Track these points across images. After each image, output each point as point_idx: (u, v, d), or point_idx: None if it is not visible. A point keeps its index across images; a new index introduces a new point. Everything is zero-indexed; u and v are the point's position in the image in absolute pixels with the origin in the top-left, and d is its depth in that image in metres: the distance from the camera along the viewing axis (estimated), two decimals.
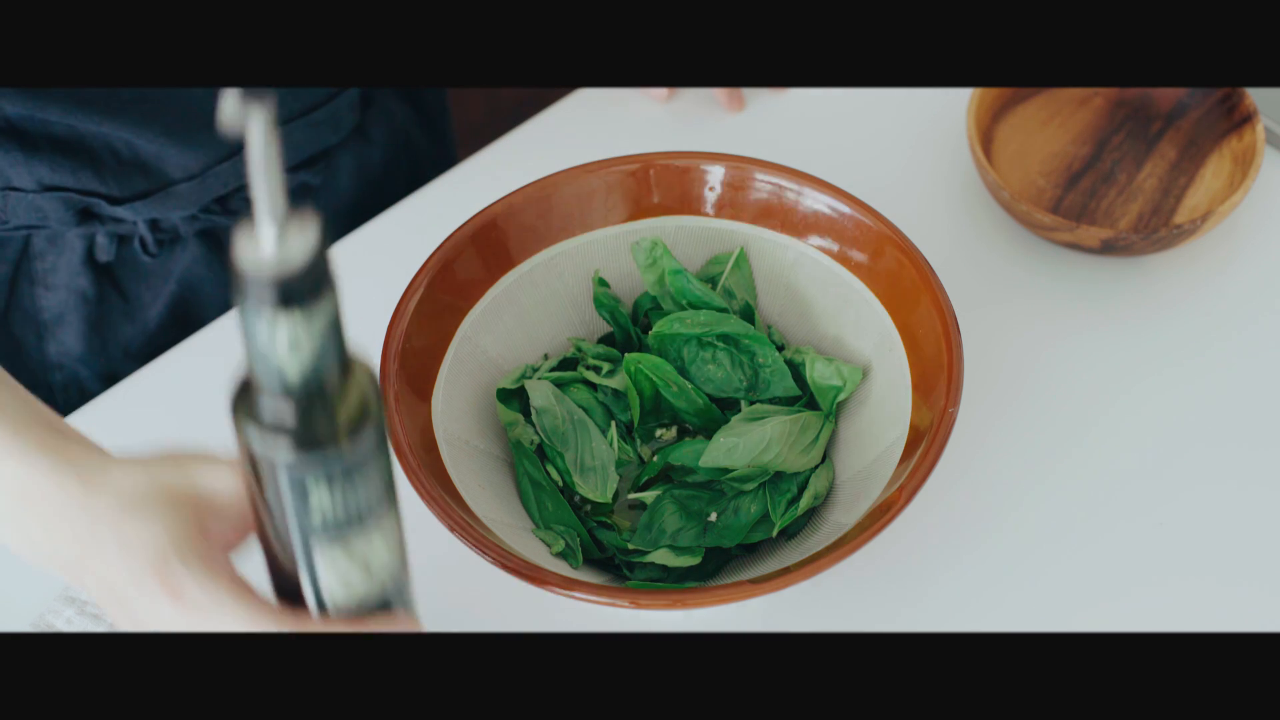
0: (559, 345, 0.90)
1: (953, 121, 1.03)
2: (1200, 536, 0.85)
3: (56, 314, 0.99)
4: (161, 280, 1.01)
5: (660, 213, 0.90)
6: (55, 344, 1.00)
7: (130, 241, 0.98)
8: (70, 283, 0.98)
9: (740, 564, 0.82)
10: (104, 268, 0.99)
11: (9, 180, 0.93)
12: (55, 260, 0.97)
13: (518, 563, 0.75)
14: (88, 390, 1.01)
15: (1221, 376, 0.91)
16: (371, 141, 1.08)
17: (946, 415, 0.78)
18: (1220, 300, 0.94)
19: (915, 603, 0.83)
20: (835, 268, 0.87)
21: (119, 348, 1.01)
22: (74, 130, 0.92)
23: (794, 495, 0.83)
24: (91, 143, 0.93)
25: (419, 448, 0.79)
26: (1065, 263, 0.96)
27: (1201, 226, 0.92)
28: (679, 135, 1.02)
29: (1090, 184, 0.98)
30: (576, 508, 0.84)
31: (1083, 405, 0.90)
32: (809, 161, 0.91)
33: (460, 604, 0.83)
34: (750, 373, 0.86)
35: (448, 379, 0.84)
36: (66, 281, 0.98)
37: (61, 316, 0.99)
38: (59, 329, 0.99)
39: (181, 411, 0.91)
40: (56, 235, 0.96)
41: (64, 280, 0.98)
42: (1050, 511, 0.86)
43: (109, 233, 0.97)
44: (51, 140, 0.92)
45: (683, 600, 0.74)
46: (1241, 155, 0.96)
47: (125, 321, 1.01)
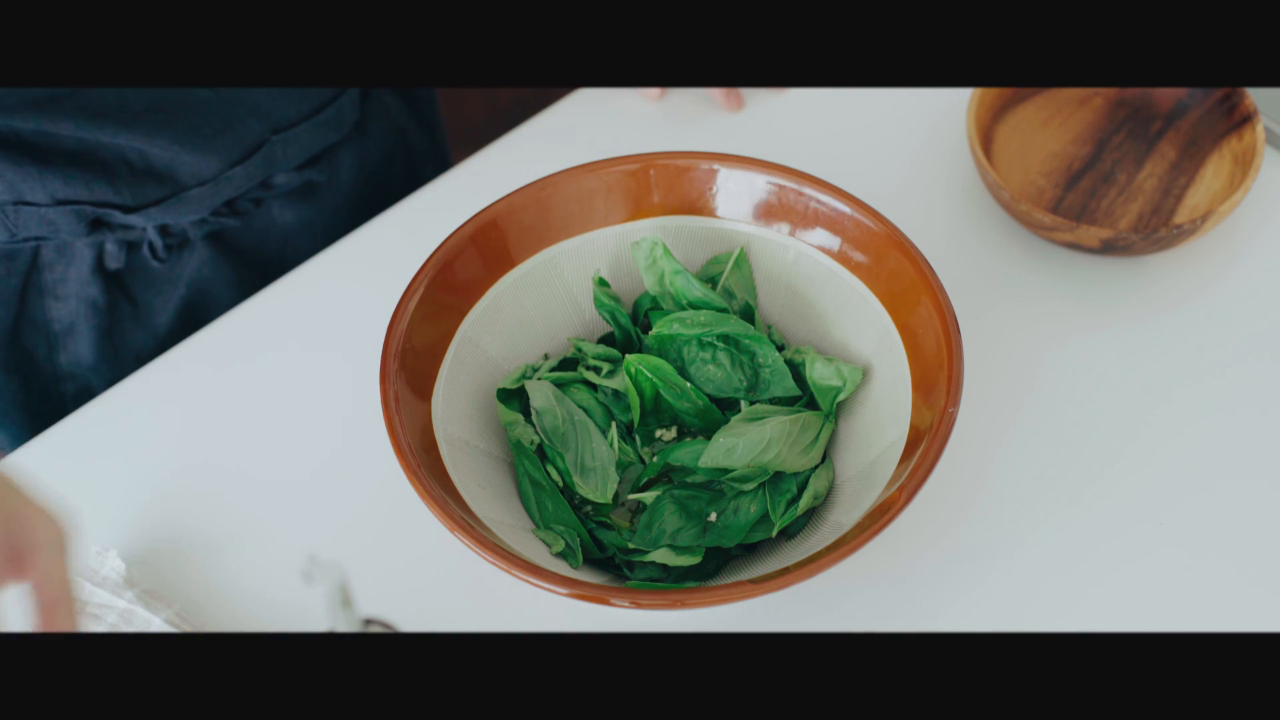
0: (559, 345, 0.90)
1: (953, 121, 1.03)
2: (1201, 536, 0.85)
3: (67, 324, 0.99)
4: (171, 285, 1.01)
5: (660, 213, 0.90)
6: (66, 354, 1.00)
7: (139, 248, 0.98)
8: (80, 292, 0.98)
9: (740, 564, 0.82)
10: (113, 275, 0.99)
11: (21, 195, 0.93)
12: (65, 270, 0.97)
13: (518, 563, 0.75)
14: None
15: (1221, 376, 0.91)
16: (370, 136, 1.08)
17: (946, 415, 0.78)
18: (1220, 300, 0.94)
19: (915, 603, 0.83)
20: (835, 268, 0.87)
21: (131, 354, 1.01)
22: (86, 143, 0.92)
23: (794, 495, 0.83)
24: (104, 154, 0.93)
25: (419, 448, 0.79)
26: (1065, 263, 0.96)
27: (1201, 226, 0.92)
28: (679, 135, 1.02)
29: (1090, 184, 0.98)
30: (576, 508, 0.84)
31: (1082, 405, 0.90)
32: (809, 161, 0.91)
33: (460, 604, 0.83)
34: (750, 373, 0.86)
35: (448, 379, 0.84)
36: (77, 291, 0.98)
37: (72, 326, 0.99)
38: (70, 339, 0.99)
39: (187, 410, 0.91)
40: (65, 245, 0.96)
41: (74, 290, 0.98)
42: (1050, 511, 0.86)
43: (118, 240, 0.97)
44: (64, 154, 0.92)
45: (683, 600, 0.74)
46: (1241, 155, 0.96)
47: (136, 328, 1.01)
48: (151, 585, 0.83)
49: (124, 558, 0.84)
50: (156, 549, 0.85)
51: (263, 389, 0.92)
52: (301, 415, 0.90)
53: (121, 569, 0.83)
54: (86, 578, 0.83)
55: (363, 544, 0.85)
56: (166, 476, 0.88)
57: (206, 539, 0.85)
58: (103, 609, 0.81)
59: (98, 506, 0.87)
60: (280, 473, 0.88)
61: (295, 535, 0.85)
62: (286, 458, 0.89)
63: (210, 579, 0.84)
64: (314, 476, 0.88)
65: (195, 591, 0.84)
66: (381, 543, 0.85)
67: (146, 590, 0.83)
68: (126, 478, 0.88)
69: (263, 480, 0.88)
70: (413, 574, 0.84)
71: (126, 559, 0.84)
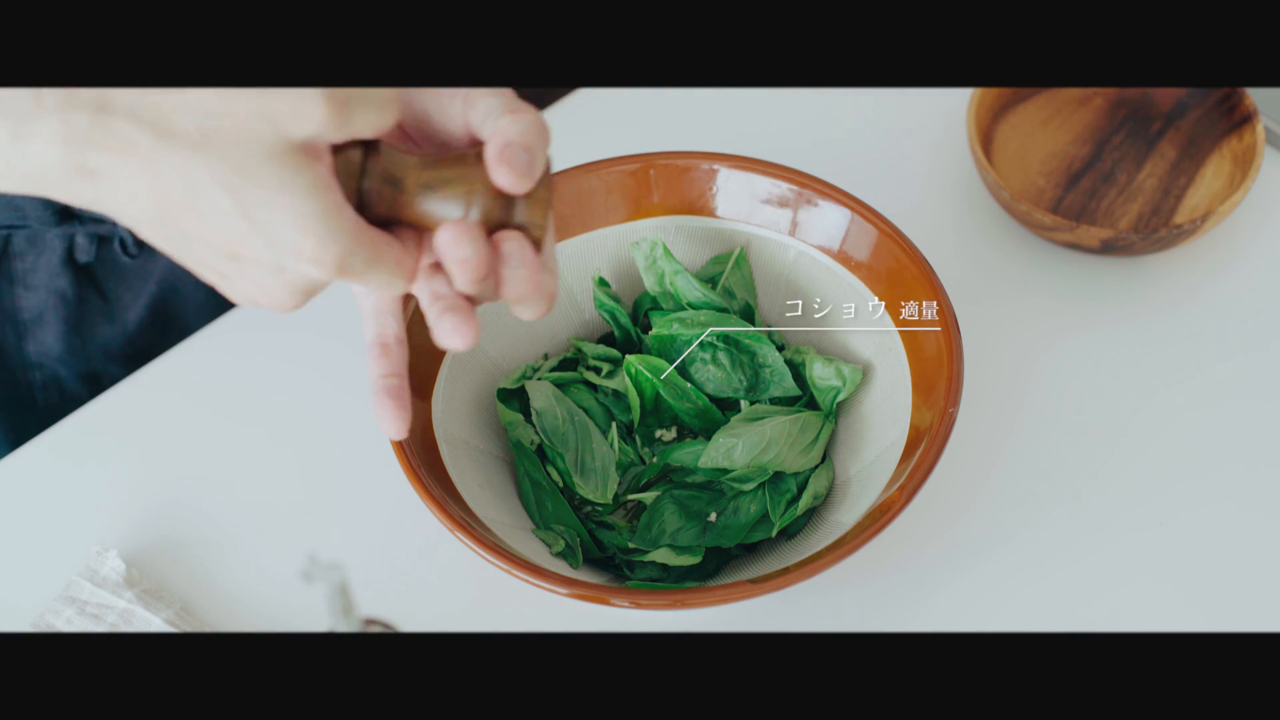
0: (559, 345, 0.90)
1: (953, 121, 1.02)
2: (1201, 535, 0.85)
3: (36, 314, 0.98)
4: (142, 281, 1.00)
5: (660, 213, 0.90)
6: (35, 343, 0.99)
7: (110, 242, 0.98)
8: (50, 283, 0.98)
9: (740, 564, 0.82)
10: (84, 268, 0.98)
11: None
12: (35, 260, 0.97)
13: (518, 563, 0.75)
14: (68, 390, 1.01)
15: (1221, 376, 0.91)
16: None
17: (947, 415, 0.78)
18: (1220, 300, 0.94)
19: (915, 603, 0.83)
20: (835, 267, 0.87)
21: (99, 348, 1.01)
22: None
23: (794, 495, 0.83)
24: None
25: (419, 448, 0.79)
26: (1065, 263, 0.96)
27: (1201, 226, 0.92)
28: (679, 135, 1.02)
29: (1090, 184, 0.98)
30: (576, 508, 0.84)
31: (1082, 405, 0.90)
32: (809, 161, 0.91)
33: (460, 604, 0.83)
34: (750, 373, 0.86)
35: (448, 379, 0.84)
36: (46, 282, 0.97)
37: (41, 316, 0.99)
38: (38, 329, 0.99)
39: (188, 410, 0.91)
40: (37, 235, 0.96)
41: (43, 280, 0.97)
42: (1050, 511, 0.86)
43: (89, 233, 0.96)
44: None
45: (683, 600, 0.74)
46: (1241, 155, 0.96)
47: (105, 322, 1.00)
48: (151, 585, 0.83)
49: (124, 558, 0.84)
50: (156, 549, 0.85)
51: (263, 389, 0.92)
52: (302, 415, 0.90)
53: (121, 569, 0.83)
54: (86, 578, 0.83)
55: (363, 544, 0.85)
56: (167, 476, 0.88)
57: (206, 539, 0.85)
58: (103, 609, 0.81)
59: (98, 506, 0.87)
60: (281, 472, 0.88)
61: (295, 535, 0.85)
62: (287, 457, 0.89)
63: (210, 579, 0.84)
64: (314, 476, 0.88)
65: (195, 591, 0.84)
66: (381, 543, 0.85)
67: (146, 590, 0.83)
68: (127, 478, 0.88)
69: (263, 480, 0.88)
70: (413, 574, 0.84)
71: (126, 559, 0.84)
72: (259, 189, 0.58)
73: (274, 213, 0.59)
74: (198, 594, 0.83)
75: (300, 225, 0.59)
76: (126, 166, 0.59)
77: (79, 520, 0.86)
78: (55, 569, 0.84)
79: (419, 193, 0.63)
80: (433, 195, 0.63)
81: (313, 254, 0.60)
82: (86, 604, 0.82)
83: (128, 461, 0.89)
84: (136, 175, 0.59)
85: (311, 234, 0.59)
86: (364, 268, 0.61)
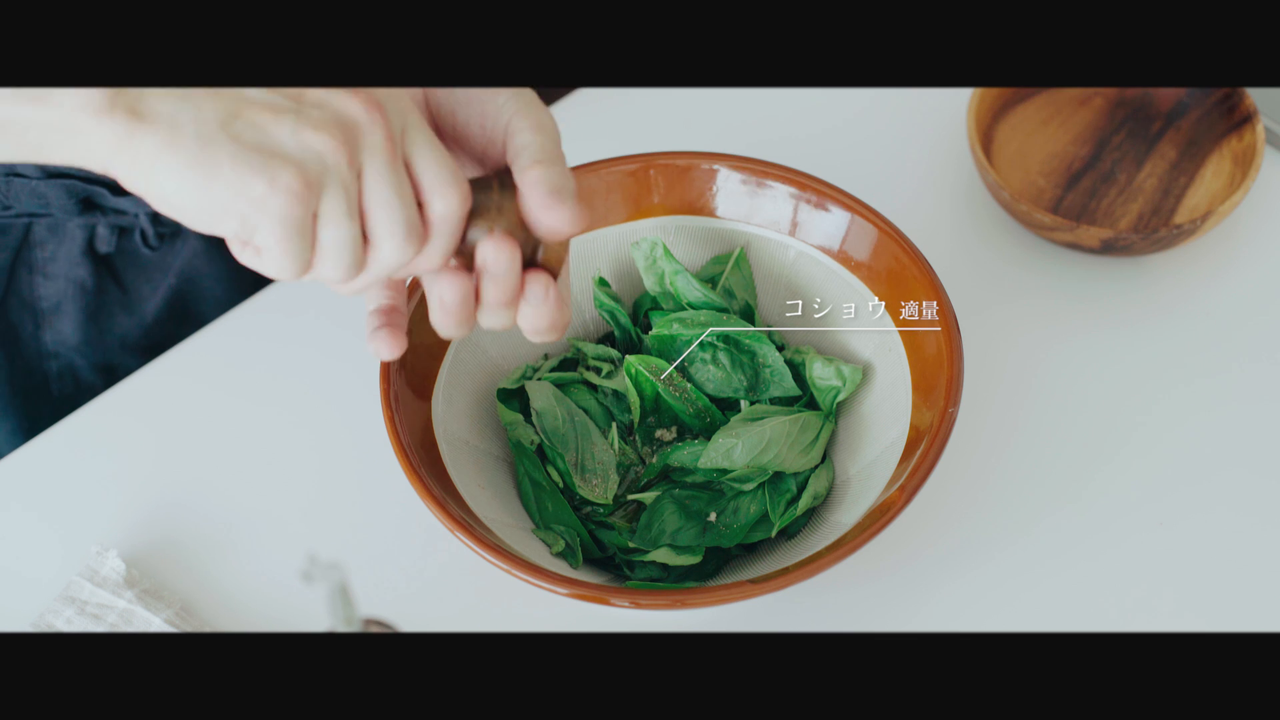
0: (559, 345, 0.90)
1: (953, 121, 1.03)
2: (1201, 535, 0.85)
3: (54, 302, 0.99)
4: (161, 274, 1.00)
5: (660, 213, 0.90)
6: (52, 332, 1.00)
7: (131, 234, 0.98)
8: (69, 272, 0.98)
9: (740, 564, 0.82)
10: (104, 259, 0.98)
11: (13, 166, 0.92)
12: (55, 249, 0.97)
13: (518, 563, 0.75)
14: (83, 380, 1.01)
15: (1221, 376, 0.91)
16: None
17: (947, 415, 0.78)
18: (1220, 300, 0.94)
19: (915, 603, 0.83)
20: (835, 267, 0.87)
21: (116, 339, 1.01)
22: None
23: (794, 495, 0.83)
24: None
25: (419, 448, 0.79)
26: (1065, 263, 0.96)
27: (1201, 226, 0.92)
28: (679, 135, 1.02)
29: (1090, 184, 0.98)
30: (576, 508, 0.84)
31: (1082, 405, 0.90)
32: (809, 161, 0.91)
33: (460, 604, 0.83)
34: (750, 373, 0.86)
35: (448, 379, 0.84)
36: (65, 271, 0.98)
37: (59, 305, 0.99)
38: (56, 318, 0.99)
39: (188, 409, 0.91)
40: (58, 224, 0.96)
41: (63, 269, 0.98)
42: (1050, 511, 0.86)
43: (110, 224, 0.97)
44: None
45: (683, 600, 0.74)
46: (1241, 155, 0.96)
47: (123, 313, 1.01)
48: (151, 585, 0.83)
49: (124, 558, 0.84)
50: (156, 549, 0.85)
51: (263, 388, 0.92)
52: (302, 415, 0.90)
53: (121, 569, 0.83)
54: (87, 578, 0.83)
55: (363, 544, 0.85)
56: (167, 476, 0.88)
57: (206, 539, 0.86)
58: (103, 609, 0.81)
59: (98, 506, 0.87)
60: (280, 472, 0.88)
61: (295, 535, 0.86)
62: (287, 457, 0.89)
63: (210, 579, 0.84)
64: (314, 476, 0.88)
65: (195, 591, 0.84)
66: (382, 543, 0.85)
67: (146, 590, 0.83)
68: (127, 477, 0.88)
69: (263, 480, 0.88)
70: (413, 574, 0.84)
71: (126, 559, 0.84)
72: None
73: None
74: (198, 594, 0.83)
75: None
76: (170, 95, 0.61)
77: (79, 520, 0.86)
78: (55, 569, 0.84)
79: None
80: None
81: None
82: (86, 604, 0.82)
83: (128, 461, 0.89)
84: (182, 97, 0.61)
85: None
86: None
